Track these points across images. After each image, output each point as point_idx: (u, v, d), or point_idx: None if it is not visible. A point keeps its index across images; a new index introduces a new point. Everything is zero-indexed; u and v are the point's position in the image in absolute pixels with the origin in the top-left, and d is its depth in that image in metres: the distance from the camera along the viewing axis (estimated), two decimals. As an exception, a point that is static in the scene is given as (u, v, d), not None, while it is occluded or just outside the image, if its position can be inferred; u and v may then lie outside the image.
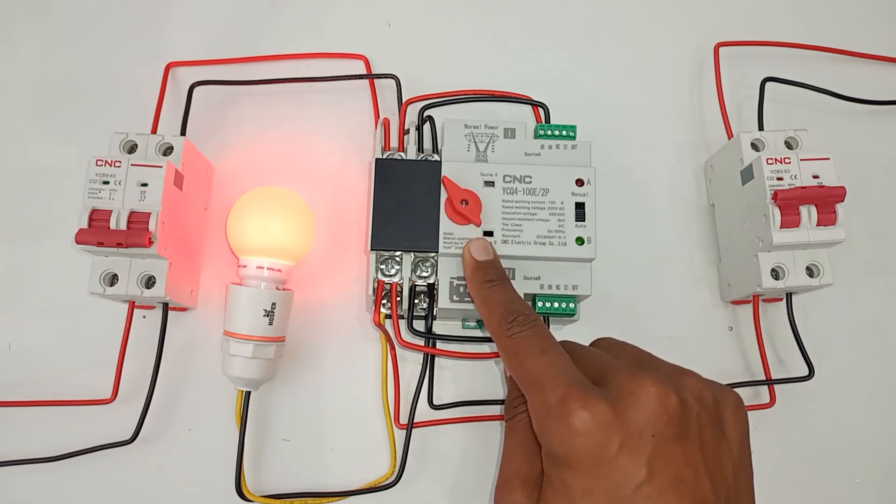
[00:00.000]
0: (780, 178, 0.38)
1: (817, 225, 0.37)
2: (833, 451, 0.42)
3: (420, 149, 0.41)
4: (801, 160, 0.39)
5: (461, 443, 0.41)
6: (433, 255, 0.38)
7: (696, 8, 0.50)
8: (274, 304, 0.38)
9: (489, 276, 0.34)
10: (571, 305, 0.38)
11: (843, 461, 0.42)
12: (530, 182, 0.39)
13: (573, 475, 0.25)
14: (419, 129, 0.42)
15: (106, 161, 0.37)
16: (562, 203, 0.39)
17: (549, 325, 0.40)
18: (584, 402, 0.26)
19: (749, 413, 0.40)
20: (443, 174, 0.39)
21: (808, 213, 0.37)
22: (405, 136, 0.41)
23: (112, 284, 0.38)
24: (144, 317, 0.42)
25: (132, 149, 0.40)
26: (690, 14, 0.50)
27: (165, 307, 0.40)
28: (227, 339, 0.37)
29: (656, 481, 0.24)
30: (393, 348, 0.40)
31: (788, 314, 0.40)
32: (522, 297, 0.38)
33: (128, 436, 0.39)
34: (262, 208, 0.39)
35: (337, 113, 0.46)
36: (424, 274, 0.38)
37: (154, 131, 0.43)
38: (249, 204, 0.40)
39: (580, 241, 0.38)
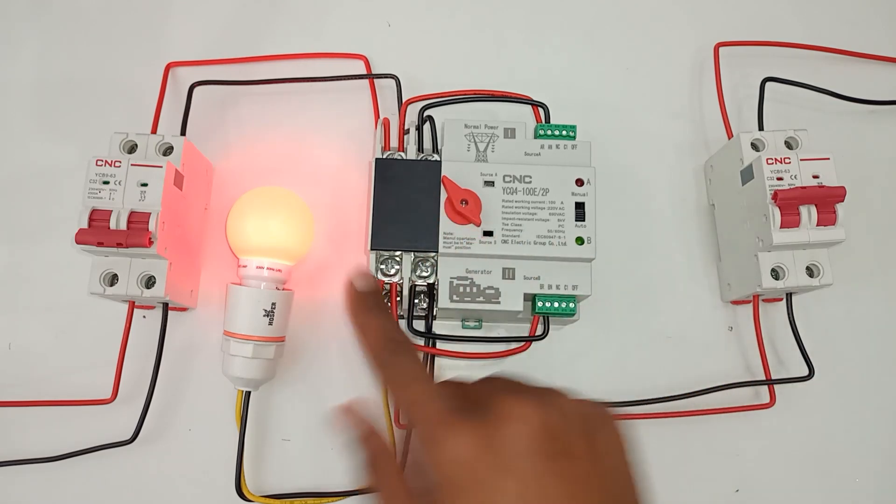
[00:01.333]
0: (780, 178, 0.38)
1: (817, 225, 0.37)
2: (833, 451, 0.42)
3: (420, 149, 0.41)
4: (801, 160, 0.39)
5: (461, 443, 0.41)
6: (433, 254, 0.38)
7: (696, 8, 0.50)
8: (274, 304, 0.38)
9: (367, 304, 0.33)
10: (571, 305, 0.38)
11: (843, 461, 0.42)
12: (530, 182, 0.39)
13: (453, 501, 0.25)
14: (419, 129, 0.42)
15: (106, 161, 0.37)
16: (562, 203, 0.39)
17: (549, 325, 0.40)
18: (454, 427, 0.26)
19: (749, 413, 0.41)
20: (443, 174, 0.39)
21: (808, 213, 0.37)
22: (405, 136, 0.41)
23: (112, 284, 0.38)
24: (144, 317, 0.42)
25: (132, 149, 0.40)
26: (690, 14, 0.50)
27: (165, 307, 0.40)
28: (227, 339, 0.37)
29: (531, 499, 0.25)
30: (393, 348, 0.40)
31: (788, 314, 0.40)
32: (522, 297, 0.38)
33: (128, 436, 0.39)
34: (262, 208, 0.39)
35: (337, 113, 0.46)
36: (424, 274, 0.38)
37: (154, 131, 0.43)
38: (249, 204, 0.40)
39: (580, 240, 0.38)
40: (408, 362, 0.30)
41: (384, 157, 0.40)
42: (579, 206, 0.38)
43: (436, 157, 0.40)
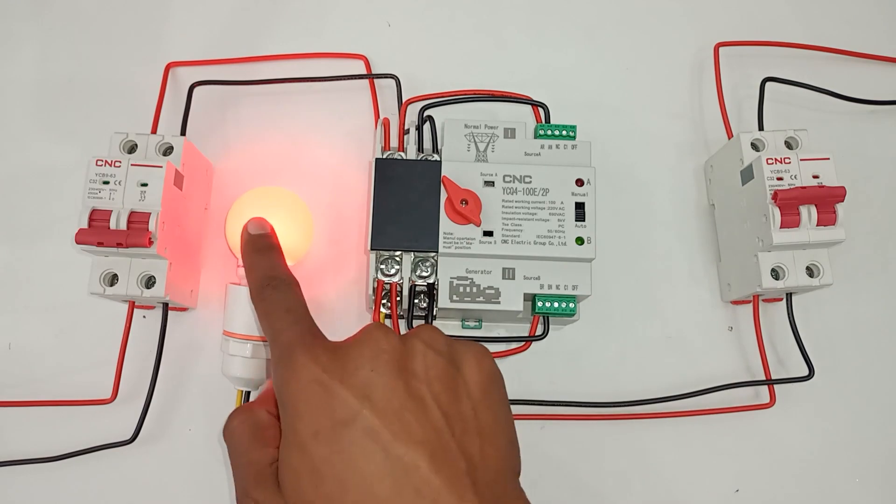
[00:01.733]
0: (780, 178, 0.38)
1: (817, 225, 0.37)
2: (833, 451, 0.42)
3: (420, 149, 0.41)
4: (801, 160, 0.39)
5: (461, 443, 0.41)
6: (433, 254, 0.38)
7: (696, 8, 0.50)
8: (274, 304, 0.38)
9: (258, 245, 0.35)
10: (571, 305, 0.38)
11: (843, 461, 0.42)
12: (530, 182, 0.39)
13: (301, 421, 0.26)
14: (419, 128, 0.42)
15: (106, 161, 0.37)
16: (562, 203, 0.39)
17: (549, 325, 0.40)
18: (309, 347, 0.27)
19: (749, 413, 0.41)
20: (443, 174, 0.39)
21: (808, 213, 0.37)
22: (405, 136, 0.41)
23: (112, 284, 0.38)
24: (144, 317, 0.42)
25: (132, 149, 0.40)
26: (690, 14, 0.50)
27: (165, 307, 0.40)
28: (226, 339, 0.38)
29: (378, 411, 0.25)
30: (393, 348, 0.40)
31: (788, 314, 0.40)
32: (522, 297, 0.38)
33: (128, 436, 0.39)
34: (261, 208, 0.39)
35: (337, 113, 0.46)
36: (424, 274, 0.38)
37: (154, 131, 0.43)
38: (248, 204, 0.40)
39: (580, 241, 0.38)
40: (282, 296, 0.31)
41: (384, 157, 0.40)
42: (579, 207, 0.38)
43: (436, 157, 0.40)
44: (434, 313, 0.39)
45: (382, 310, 0.39)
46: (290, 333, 0.29)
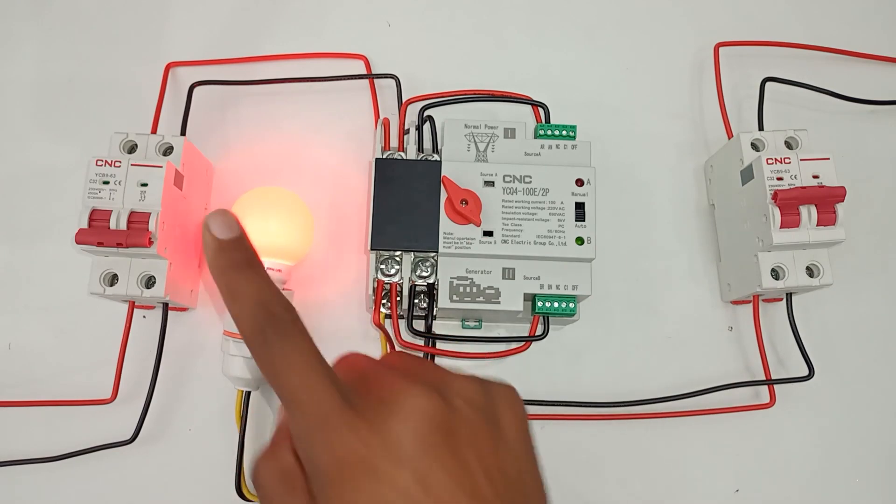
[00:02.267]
0: (780, 178, 0.38)
1: (817, 225, 0.37)
2: (833, 451, 0.42)
3: (420, 149, 0.41)
4: (801, 160, 0.39)
5: (461, 443, 0.41)
6: (433, 254, 0.38)
7: (696, 8, 0.50)
8: (274, 304, 0.38)
9: (235, 259, 0.26)
10: (571, 305, 0.38)
11: (843, 461, 0.42)
12: (530, 182, 0.39)
13: (340, 498, 0.23)
14: (419, 129, 0.42)
15: (106, 161, 0.37)
16: (562, 203, 0.39)
17: (549, 325, 0.40)
18: (340, 411, 0.24)
19: (749, 413, 0.41)
20: (443, 174, 0.39)
21: (808, 213, 0.37)
22: (405, 136, 0.41)
23: (112, 284, 0.38)
24: (144, 317, 0.42)
25: (132, 149, 0.40)
26: (690, 14, 0.50)
27: (165, 307, 0.40)
28: (226, 340, 0.38)
29: (430, 490, 0.23)
30: (393, 348, 0.40)
31: (788, 314, 0.40)
32: (522, 297, 0.38)
33: (128, 436, 0.39)
34: (262, 208, 0.39)
35: (337, 113, 0.46)
36: (424, 274, 0.38)
37: (154, 131, 0.43)
38: (249, 204, 0.40)
39: (580, 240, 0.38)
40: (292, 345, 0.25)
41: (384, 157, 0.40)
42: (579, 206, 0.38)
43: (436, 157, 0.40)
44: (434, 313, 0.39)
45: (382, 310, 0.39)
46: (315, 396, 0.24)
